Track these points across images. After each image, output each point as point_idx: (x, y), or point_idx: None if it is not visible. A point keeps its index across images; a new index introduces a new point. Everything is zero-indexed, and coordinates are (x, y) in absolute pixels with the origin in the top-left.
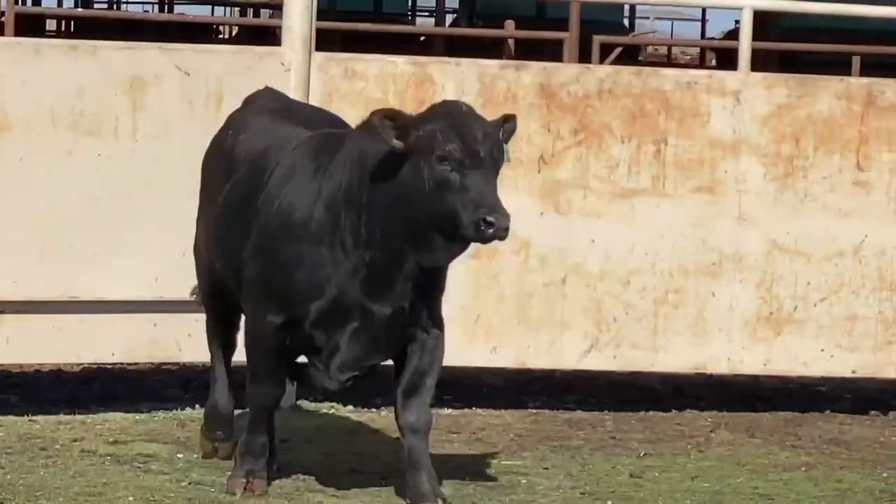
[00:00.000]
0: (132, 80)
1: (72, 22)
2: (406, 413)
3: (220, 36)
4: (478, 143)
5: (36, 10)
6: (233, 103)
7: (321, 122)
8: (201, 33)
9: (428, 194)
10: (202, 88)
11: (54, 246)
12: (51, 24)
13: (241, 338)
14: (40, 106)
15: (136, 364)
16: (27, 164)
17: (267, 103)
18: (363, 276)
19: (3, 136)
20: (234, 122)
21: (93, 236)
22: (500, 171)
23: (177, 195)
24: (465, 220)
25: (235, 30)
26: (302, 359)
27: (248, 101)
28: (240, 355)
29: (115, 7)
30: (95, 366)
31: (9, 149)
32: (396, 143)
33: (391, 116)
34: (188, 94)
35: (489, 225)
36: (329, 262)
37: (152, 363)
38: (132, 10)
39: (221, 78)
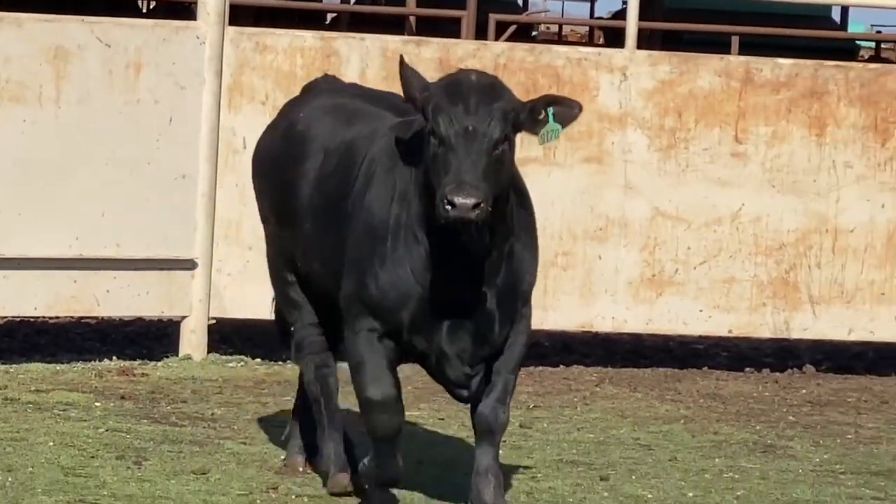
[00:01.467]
0: (56, 50)
1: None
2: (480, 410)
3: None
4: (465, 117)
5: None
6: (150, 74)
7: (394, 108)
8: (123, 8)
9: (426, 169)
10: (122, 59)
11: None
12: None
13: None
14: None
15: (56, 318)
16: None
17: (334, 91)
18: (436, 264)
19: None
20: (299, 113)
21: (17, 197)
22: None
23: (96, 159)
24: (437, 198)
25: (154, 4)
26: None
27: (309, 89)
28: None
29: None
30: (18, 319)
31: None
32: (417, 94)
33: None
34: (108, 64)
35: (450, 204)
36: (405, 258)
37: (72, 317)
38: None
39: (140, 49)
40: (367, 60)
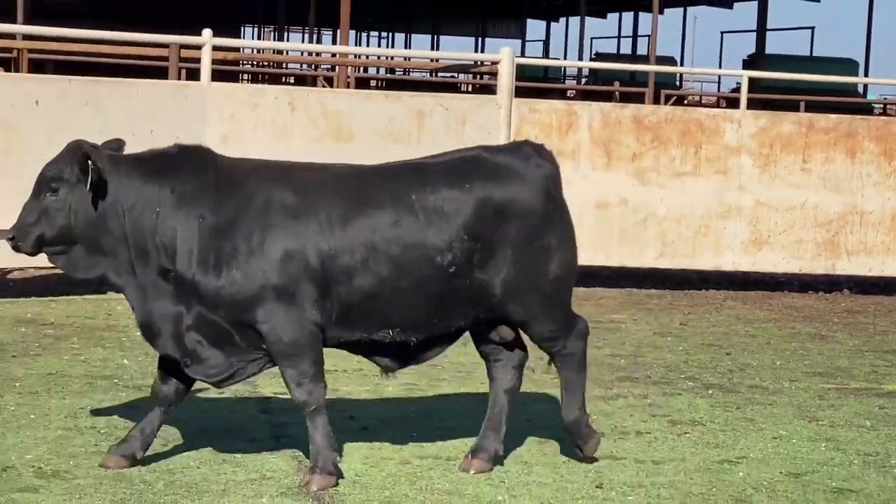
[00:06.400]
0: (417, 112)
1: None
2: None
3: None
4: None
5: None
6: (471, 126)
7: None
8: (443, 88)
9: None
10: (455, 117)
11: None
12: None
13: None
14: None
15: None
16: None
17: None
18: None
19: None
20: None
21: None
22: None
23: None
24: None
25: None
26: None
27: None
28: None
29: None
30: None
31: None
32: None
33: None
34: (447, 121)
35: None
36: None
37: None
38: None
39: (465, 112)
40: (592, 118)
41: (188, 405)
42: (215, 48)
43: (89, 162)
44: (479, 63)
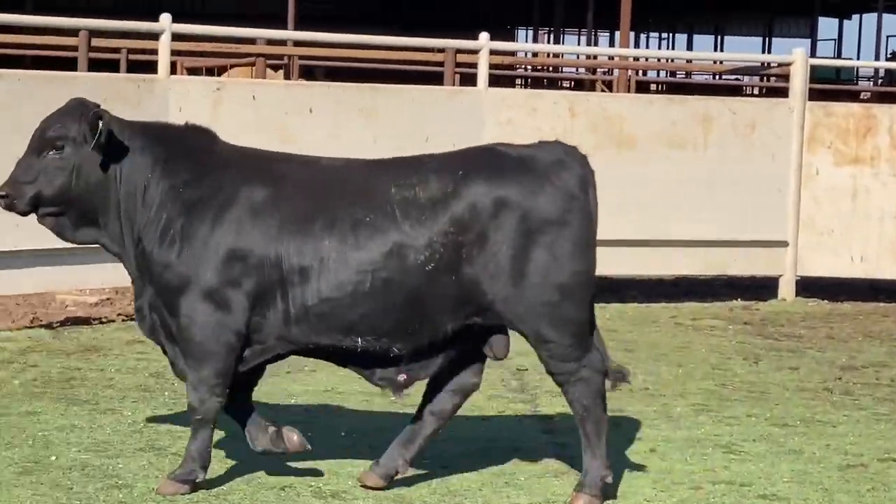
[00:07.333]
0: (703, 116)
1: None
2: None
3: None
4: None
5: None
6: (760, 130)
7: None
8: (726, 91)
9: None
10: (742, 121)
11: None
12: None
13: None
14: None
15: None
16: None
17: None
18: None
19: None
20: None
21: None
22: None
23: (719, 182)
24: None
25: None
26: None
27: None
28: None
29: None
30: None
31: None
32: None
33: None
34: (735, 125)
35: None
36: None
37: (709, 275)
38: None
39: (753, 116)
40: (894, 121)
41: (468, 423)
42: (492, 52)
43: (100, 122)
44: (766, 65)
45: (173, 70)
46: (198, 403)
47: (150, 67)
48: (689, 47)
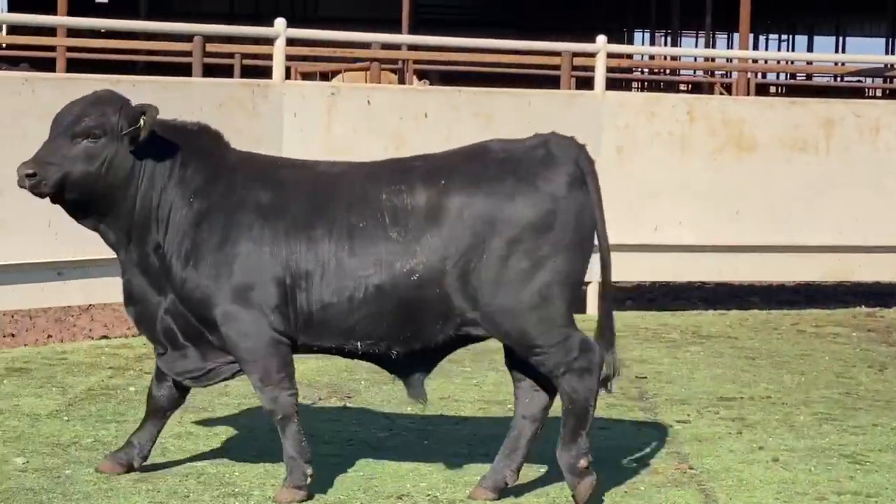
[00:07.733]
0: (825, 120)
1: None
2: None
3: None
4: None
5: None
6: (885, 132)
7: None
8: (849, 94)
9: None
10: (866, 124)
11: None
12: None
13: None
14: None
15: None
16: None
17: None
18: None
19: None
20: None
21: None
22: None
23: (842, 184)
24: None
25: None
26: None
27: None
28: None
29: None
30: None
31: None
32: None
33: None
34: (861, 128)
35: None
36: None
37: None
38: None
39: (878, 118)
40: None
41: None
42: (609, 55)
43: (143, 118)
44: (891, 66)
45: (287, 75)
46: (272, 404)
47: (263, 73)
48: (810, 48)
